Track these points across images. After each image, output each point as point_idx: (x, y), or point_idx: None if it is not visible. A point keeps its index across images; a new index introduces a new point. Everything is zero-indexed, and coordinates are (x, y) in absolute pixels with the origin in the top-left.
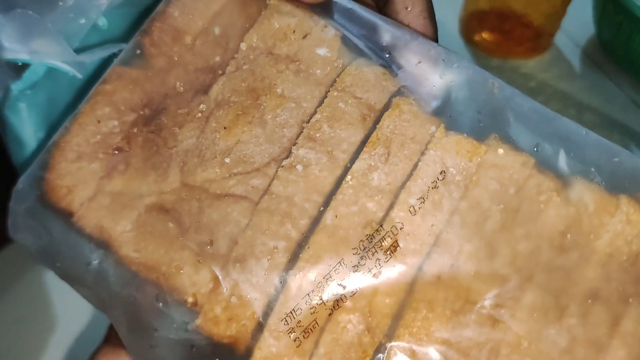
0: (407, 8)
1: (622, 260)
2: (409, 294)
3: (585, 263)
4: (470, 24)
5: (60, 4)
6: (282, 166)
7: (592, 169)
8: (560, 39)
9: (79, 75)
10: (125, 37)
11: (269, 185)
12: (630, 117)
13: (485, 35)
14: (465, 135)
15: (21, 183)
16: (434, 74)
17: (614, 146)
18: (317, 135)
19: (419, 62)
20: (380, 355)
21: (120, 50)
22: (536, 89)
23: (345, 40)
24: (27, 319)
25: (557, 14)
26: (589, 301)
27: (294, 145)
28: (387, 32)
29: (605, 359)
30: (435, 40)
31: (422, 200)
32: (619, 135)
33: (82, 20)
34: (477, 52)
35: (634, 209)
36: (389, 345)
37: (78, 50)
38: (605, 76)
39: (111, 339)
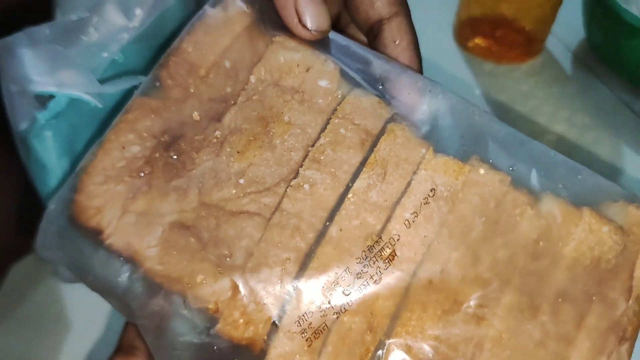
0: (395, 42)
1: (586, 264)
2: (405, 297)
3: (555, 267)
4: (464, 30)
5: (84, 38)
6: (291, 186)
7: (560, 185)
8: (552, 43)
9: (100, 105)
10: (138, 71)
11: (279, 202)
12: (621, 118)
13: (478, 41)
14: (451, 156)
15: (52, 204)
16: (422, 103)
17: (578, 165)
18: (321, 157)
19: (409, 93)
20: (380, 351)
21: (140, 83)
22: (528, 93)
23: (343, 73)
24: (43, 325)
25: (547, 19)
26: (559, 300)
27: (300, 167)
28: (379, 66)
29: (573, 350)
30: (420, 70)
31: (416, 215)
32: (609, 136)
33: (105, 54)
34: (471, 58)
35: (595, 220)
36: (387, 342)
37: (99, 83)
38: (596, 78)
39: (122, 348)
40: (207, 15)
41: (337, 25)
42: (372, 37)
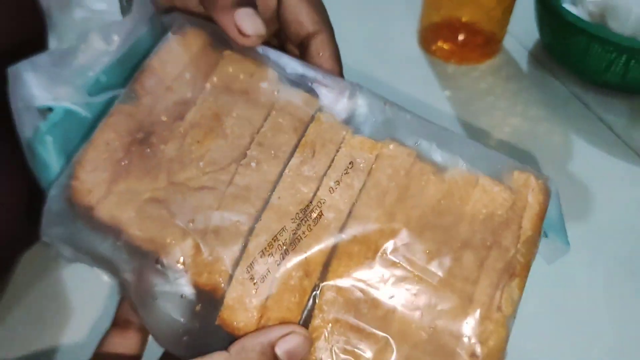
0: (319, 53)
1: (482, 218)
2: (334, 248)
3: (458, 222)
4: (427, 35)
5: (74, 62)
6: (241, 164)
7: (458, 157)
8: (510, 44)
9: (88, 115)
10: (117, 86)
11: (232, 178)
12: (572, 109)
13: (440, 44)
14: (366, 137)
15: (53, 190)
16: (343, 97)
17: (470, 141)
18: (264, 142)
19: (332, 90)
20: (315, 292)
21: (118, 95)
22: (487, 90)
23: (280, 77)
24: (48, 312)
25: (502, 21)
26: (463, 248)
27: (248, 150)
28: (308, 72)
29: (476, 288)
30: (341, 75)
31: (338, 183)
32: (560, 126)
33: (90, 73)
34: (435, 60)
35: (488, 183)
36: (321, 285)
37: (87, 96)
38: (549, 74)
39: (117, 322)
40: (170, 39)
41: (278, 42)
42: (303, 50)
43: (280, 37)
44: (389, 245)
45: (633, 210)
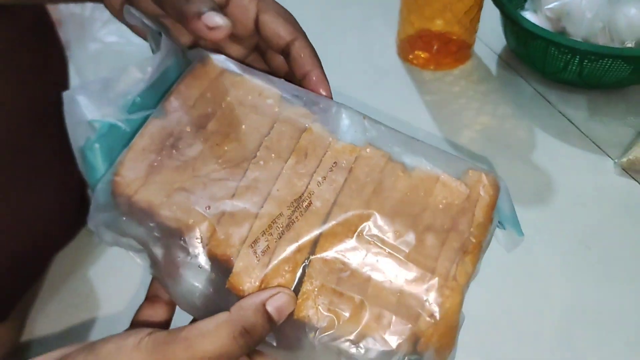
0: (300, 55)
1: (442, 207)
2: (321, 229)
3: (422, 210)
4: (404, 46)
5: (117, 87)
6: (252, 163)
7: (423, 159)
8: (481, 49)
9: (128, 129)
10: (151, 106)
11: (245, 173)
12: (536, 106)
13: (417, 53)
14: (348, 143)
15: (100, 185)
16: (330, 112)
17: (434, 146)
18: (270, 145)
19: (322, 107)
20: (305, 263)
21: (152, 113)
22: (459, 92)
23: (283, 96)
24: (78, 307)
25: (470, 29)
26: (426, 231)
27: (257, 151)
28: (305, 94)
29: (437, 263)
30: (321, 67)
31: (324, 178)
32: (526, 122)
33: (129, 97)
34: (412, 68)
35: (447, 179)
36: (311, 257)
37: (127, 114)
38: (517, 75)
39: (149, 298)
40: (194, 67)
41: (259, 52)
42: (286, 55)
43: (261, 47)
44: (365, 226)
45: (592, 195)
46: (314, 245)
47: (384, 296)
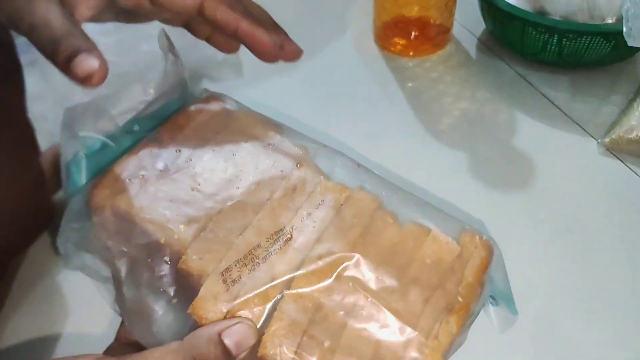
0: (217, 15)
1: (430, 263)
2: (300, 265)
3: (410, 263)
4: (381, 34)
5: (118, 104)
6: (238, 188)
7: (416, 213)
8: (460, 33)
9: (118, 149)
10: (147, 132)
11: (230, 197)
12: (517, 89)
13: (395, 40)
14: (338, 182)
15: (76, 195)
16: (325, 158)
17: (428, 203)
18: (260, 178)
19: (319, 150)
20: (277, 298)
21: (144, 136)
22: (438, 78)
23: (282, 133)
24: (48, 310)
25: (446, 12)
26: (411, 284)
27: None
28: (305, 139)
29: (420, 320)
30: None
31: (309, 214)
32: (506, 106)
33: (128, 116)
34: (390, 55)
35: (438, 235)
36: (285, 292)
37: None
38: (497, 58)
39: (119, 339)
40: (196, 103)
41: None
42: (209, 20)
43: (190, 25)
44: (347, 268)
45: (575, 176)
46: (290, 281)
47: (357, 346)
